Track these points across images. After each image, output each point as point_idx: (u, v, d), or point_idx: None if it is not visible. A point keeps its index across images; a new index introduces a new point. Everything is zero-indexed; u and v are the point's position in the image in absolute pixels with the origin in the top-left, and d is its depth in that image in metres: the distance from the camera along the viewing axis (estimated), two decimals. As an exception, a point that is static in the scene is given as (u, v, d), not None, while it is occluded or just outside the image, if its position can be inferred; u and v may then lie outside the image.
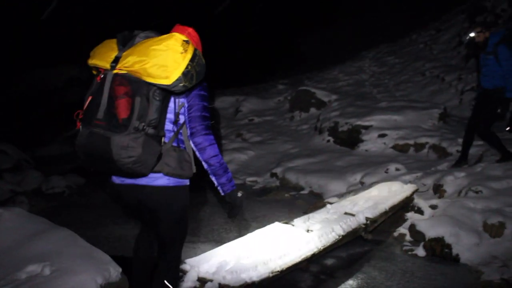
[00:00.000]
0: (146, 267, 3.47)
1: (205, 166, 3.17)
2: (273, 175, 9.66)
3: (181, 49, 2.66)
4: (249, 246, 4.79)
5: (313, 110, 13.59)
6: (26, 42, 21.81)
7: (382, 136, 10.11)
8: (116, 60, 2.77)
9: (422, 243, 5.71)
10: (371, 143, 10.13)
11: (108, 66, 2.80)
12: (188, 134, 3.08)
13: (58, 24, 22.54)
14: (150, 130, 2.72)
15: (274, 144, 11.77)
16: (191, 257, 4.77)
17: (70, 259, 3.67)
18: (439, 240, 5.57)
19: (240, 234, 5.57)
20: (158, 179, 2.97)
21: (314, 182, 8.65)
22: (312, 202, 7.70)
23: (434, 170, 7.87)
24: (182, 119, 3.06)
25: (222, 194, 3.27)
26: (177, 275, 3.40)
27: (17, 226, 4.24)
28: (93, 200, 8.82)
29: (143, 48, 2.71)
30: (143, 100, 2.69)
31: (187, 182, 3.14)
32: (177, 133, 3.02)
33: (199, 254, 4.80)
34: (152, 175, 2.92)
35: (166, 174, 2.95)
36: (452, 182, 6.88)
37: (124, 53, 2.77)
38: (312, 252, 4.73)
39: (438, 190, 6.96)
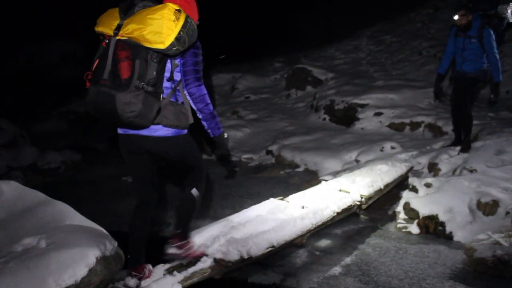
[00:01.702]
0: (141, 242, 3.75)
1: (198, 113, 3.66)
2: (269, 152, 9.68)
3: (173, 17, 3.03)
4: (244, 221, 4.81)
5: (309, 88, 13.56)
6: (20, 17, 21.60)
7: (378, 114, 10.11)
8: (118, 28, 3.14)
9: (416, 221, 5.74)
10: (367, 122, 10.13)
11: (111, 33, 3.16)
12: (184, 85, 3.55)
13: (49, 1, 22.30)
14: (149, 88, 3.13)
15: (270, 122, 11.77)
16: (187, 232, 4.80)
17: (66, 232, 3.69)
18: (433, 218, 5.60)
19: (235, 210, 5.59)
20: (158, 130, 3.42)
21: (309, 159, 8.66)
22: (307, 180, 7.73)
23: (429, 149, 7.89)
24: (178, 76, 3.52)
25: (212, 136, 3.82)
26: (203, 189, 3.91)
27: (13, 199, 4.25)
28: (89, 175, 8.84)
29: (141, 17, 3.07)
30: (142, 62, 3.09)
31: (185, 131, 3.58)
32: (174, 90, 3.48)
33: (194, 229, 4.82)
34: (153, 127, 3.37)
35: (165, 126, 3.40)
36: (447, 160, 6.90)
37: (125, 21, 3.13)
38: (307, 228, 4.76)
39: (433, 168, 6.99)
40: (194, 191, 3.80)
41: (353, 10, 23.74)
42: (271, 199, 5.51)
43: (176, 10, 3.08)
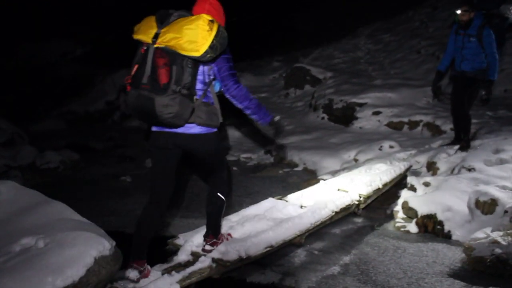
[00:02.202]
0: (145, 240, 3.95)
1: (246, 111, 3.98)
2: (268, 152, 9.68)
3: (207, 27, 3.32)
4: (243, 221, 4.82)
5: (308, 87, 13.56)
6: (20, 16, 21.58)
7: (376, 113, 10.12)
8: (156, 36, 3.44)
9: (414, 220, 5.75)
10: (365, 121, 10.14)
11: (150, 41, 3.46)
12: (224, 90, 3.86)
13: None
14: (184, 91, 3.46)
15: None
16: (185, 231, 4.80)
17: (64, 232, 3.68)
18: (431, 217, 5.61)
19: (234, 210, 5.59)
20: (192, 128, 3.72)
21: (308, 159, 8.66)
22: (306, 179, 7.73)
23: (428, 148, 7.90)
24: (208, 79, 3.79)
25: (265, 125, 4.13)
26: (226, 190, 4.23)
27: (11, 199, 4.24)
28: (87, 175, 8.82)
29: (178, 27, 3.37)
30: (178, 68, 3.41)
31: (215, 130, 3.90)
32: (205, 91, 3.75)
33: (193, 229, 4.82)
34: (187, 125, 3.67)
35: (198, 124, 3.72)
36: (445, 159, 6.91)
37: (163, 30, 3.43)
38: (306, 228, 4.76)
39: (431, 167, 6.99)
40: (221, 195, 4.14)
41: (352, 9, 23.75)
42: (270, 199, 5.52)
43: (209, 20, 3.36)
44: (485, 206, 5.53)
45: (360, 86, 11.47)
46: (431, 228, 5.59)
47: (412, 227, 5.70)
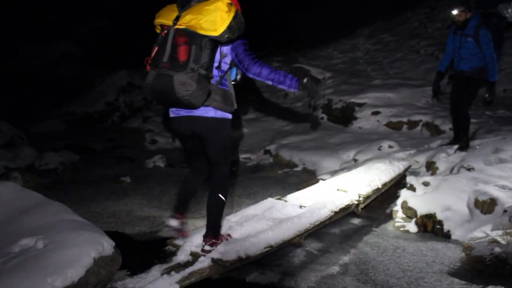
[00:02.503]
0: (188, 197, 4.49)
1: (271, 82, 3.98)
2: (267, 152, 9.69)
3: (226, 9, 3.51)
4: (242, 221, 4.82)
5: (307, 87, 13.57)
6: (19, 17, 21.57)
7: (375, 113, 10.13)
8: (177, 18, 3.66)
9: (414, 220, 5.75)
10: (364, 121, 10.15)
11: (171, 23, 3.69)
12: (244, 70, 3.96)
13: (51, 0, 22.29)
14: (202, 71, 3.60)
15: (268, 121, 11.78)
16: (185, 232, 4.80)
17: (63, 233, 3.68)
18: (430, 217, 5.61)
19: (233, 210, 5.60)
20: (208, 112, 3.84)
21: (307, 159, 8.67)
22: (305, 179, 7.74)
23: (427, 148, 7.90)
24: (225, 67, 3.93)
25: (296, 90, 4.05)
26: (226, 190, 4.29)
27: (10, 201, 4.25)
28: (87, 176, 8.82)
29: (198, 8, 3.58)
30: (197, 47, 3.57)
31: (230, 116, 4.00)
32: (221, 78, 3.89)
33: (192, 229, 4.83)
34: (203, 108, 3.79)
35: (214, 108, 3.83)
36: (445, 159, 6.91)
37: (183, 13, 3.65)
38: (305, 228, 4.76)
39: (430, 167, 6.99)
40: (221, 195, 4.18)
41: (351, 10, 23.76)
42: (269, 199, 5.52)
43: (228, 3, 3.55)
44: (485, 205, 5.54)
45: (359, 86, 11.48)
46: (431, 227, 5.60)
47: (412, 227, 5.70)
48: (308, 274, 4.51)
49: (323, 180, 6.56)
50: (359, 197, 5.65)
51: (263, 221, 4.80)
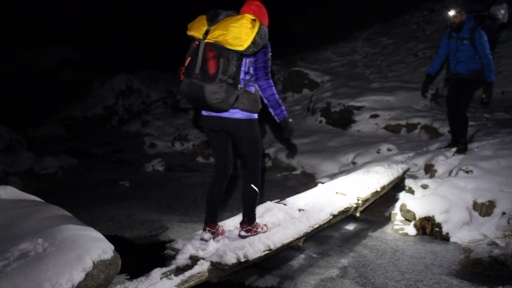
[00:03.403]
0: (215, 205, 4.67)
1: (266, 101, 4.37)
2: (265, 155, 9.69)
3: (250, 25, 3.82)
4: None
5: (305, 91, 13.58)
6: (17, 21, 21.57)
7: (374, 116, 10.14)
8: (206, 33, 3.97)
9: (412, 222, 5.75)
10: (363, 124, 10.15)
11: (201, 36, 4.00)
12: (254, 78, 4.27)
13: (49, 5, 22.29)
14: (230, 80, 3.96)
15: (267, 125, 11.78)
16: (183, 235, 4.81)
17: (63, 237, 3.68)
18: (429, 219, 5.62)
19: (233, 214, 5.60)
20: (236, 114, 4.22)
21: (306, 162, 8.68)
22: (304, 182, 7.75)
23: (426, 150, 7.90)
24: (252, 71, 4.24)
25: (278, 121, 4.48)
26: (259, 181, 4.56)
27: (9, 205, 4.25)
28: (86, 180, 8.84)
29: (225, 25, 3.87)
30: (225, 60, 3.92)
31: (256, 116, 4.36)
32: (248, 81, 4.19)
33: (192, 233, 4.83)
34: (231, 110, 4.17)
35: (241, 110, 4.18)
36: (443, 162, 6.92)
37: (212, 27, 3.95)
38: (304, 231, 4.76)
39: (429, 170, 7.00)
40: (254, 185, 4.49)
41: (349, 13, 23.80)
42: (268, 202, 5.52)
43: (252, 19, 3.86)
44: (483, 208, 5.56)
45: (358, 89, 11.48)
46: (429, 230, 5.60)
47: (410, 230, 5.70)
48: (307, 277, 4.51)
49: (322, 183, 6.56)
50: (358, 200, 5.65)
51: (262, 224, 4.80)
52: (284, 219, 5.00)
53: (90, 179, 8.92)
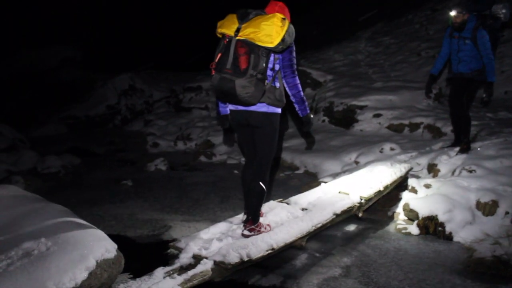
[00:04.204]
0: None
1: (292, 97, 4.63)
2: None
3: (280, 24, 4.02)
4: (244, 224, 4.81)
5: (308, 90, 13.57)
6: (19, 21, 21.59)
7: (377, 116, 10.13)
8: (238, 30, 4.16)
9: (416, 222, 5.75)
10: (366, 123, 10.15)
11: (232, 34, 4.19)
12: (282, 76, 4.50)
13: (51, 5, 22.31)
14: (259, 76, 4.16)
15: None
16: (186, 235, 4.81)
17: (65, 235, 3.68)
18: (432, 219, 5.61)
19: (236, 213, 5.60)
20: (262, 107, 4.41)
21: (309, 161, 8.68)
22: (307, 182, 7.74)
23: (429, 150, 7.90)
24: (277, 67, 4.41)
25: (301, 116, 4.75)
26: (267, 179, 4.68)
27: (12, 204, 4.24)
28: (89, 179, 8.84)
29: (256, 23, 4.07)
30: (256, 56, 4.12)
31: (279, 110, 4.55)
32: (274, 77, 4.38)
33: (194, 232, 4.83)
34: (258, 104, 4.36)
35: (267, 104, 4.39)
36: (446, 161, 6.92)
37: (243, 25, 4.15)
38: (307, 230, 4.76)
39: (432, 169, 7.00)
40: (262, 183, 4.57)
41: (352, 12, 23.77)
42: (271, 201, 5.52)
43: (282, 18, 4.06)
44: (486, 207, 5.56)
45: (361, 88, 11.47)
46: (432, 229, 5.60)
47: (413, 229, 5.70)
48: (310, 277, 4.52)
49: (325, 182, 6.56)
50: (361, 199, 5.65)
51: (265, 223, 4.80)
52: (287, 218, 5.00)
53: (92, 178, 8.92)
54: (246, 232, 4.58)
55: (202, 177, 8.74)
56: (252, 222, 4.63)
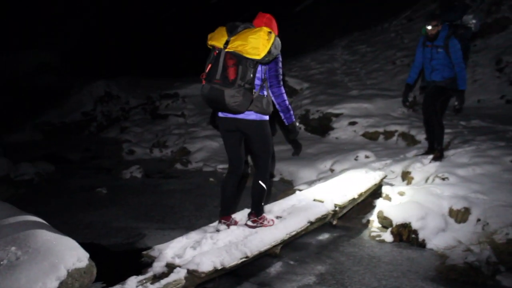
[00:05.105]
0: (229, 200, 5.04)
1: (277, 106, 4.90)
2: (244, 162, 9.68)
3: (267, 37, 4.27)
4: (218, 232, 4.81)
5: (284, 97, 13.59)
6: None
7: (352, 124, 10.21)
8: (227, 43, 4.40)
9: (389, 229, 5.79)
10: (341, 131, 10.21)
11: (221, 46, 4.43)
12: (269, 85, 4.74)
13: (28, 9, 22.09)
14: (247, 86, 4.38)
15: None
16: (161, 243, 4.78)
17: (37, 245, 3.64)
18: (406, 226, 5.65)
19: (210, 221, 5.58)
20: (250, 115, 4.63)
21: (284, 169, 8.70)
22: (283, 189, 7.76)
23: (403, 158, 7.97)
24: (264, 76, 4.64)
25: (287, 124, 5.05)
26: (267, 178, 5.00)
27: (-17, 213, 4.19)
28: (63, 187, 8.75)
29: (244, 36, 4.32)
30: (244, 67, 4.34)
31: (267, 117, 4.79)
32: (261, 86, 4.62)
33: (168, 240, 4.80)
34: (247, 112, 4.58)
35: (255, 112, 4.61)
36: (420, 169, 6.99)
37: (232, 38, 4.39)
38: (281, 238, 4.77)
39: (406, 177, 7.06)
40: (262, 182, 4.90)
41: (328, 20, 23.93)
42: (246, 210, 5.52)
43: (268, 32, 4.31)
44: (459, 214, 5.62)
45: (336, 96, 11.55)
46: (406, 237, 5.64)
47: (387, 236, 5.73)
48: (284, 285, 4.52)
49: (300, 190, 6.58)
50: (336, 207, 5.68)
51: (239, 231, 4.80)
52: (262, 226, 5.00)
53: (67, 186, 8.84)
54: (249, 223, 4.99)
55: (178, 185, 8.71)
56: (256, 215, 5.01)
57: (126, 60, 23.36)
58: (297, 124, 5.17)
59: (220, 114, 4.84)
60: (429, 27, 6.85)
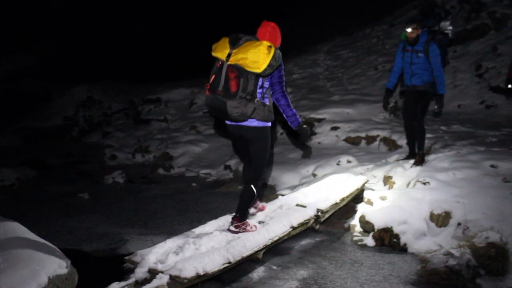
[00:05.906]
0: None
1: (282, 111, 5.09)
2: (227, 167, 9.69)
3: (266, 51, 4.45)
4: (200, 237, 4.81)
5: (267, 103, 13.62)
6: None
7: (334, 128, 10.25)
8: (229, 55, 4.62)
9: (371, 234, 5.82)
10: (323, 136, 10.25)
11: (224, 58, 4.66)
12: (272, 92, 4.97)
13: (8, 13, 21.92)
14: (248, 97, 4.63)
15: (228, 137, 11.79)
16: (143, 248, 4.76)
17: (17, 252, 3.61)
18: (387, 230, 5.69)
19: (192, 226, 5.57)
20: (253, 122, 4.85)
21: (267, 174, 8.71)
22: (265, 194, 7.76)
23: (385, 162, 8.02)
24: (266, 85, 4.86)
25: (294, 128, 5.26)
26: (259, 184, 5.24)
27: (-38, 219, 4.14)
28: (44, 193, 8.69)
29: (245, 50, 4.53)
30: (245, 80, 4.58)
31: (269, 124, 5.01)
32: (263, 95, 4.84)
33: (151, 246, 4.79)
34: (249, 120, 4.81)
35: (257, 119, 4.82)
36: (402, 173, 7.03)
37: (234, 51, 4.62)
38: (263, 243, 4.78)
39: (387, 181, 7.10)
40: (253, 187, 5.10)
41: (311, 25, 24.03)
42: (227, 215, 5.53)
43: (268, 46, 4.49)
44: (440, 218, 5.67)
45: (319, 101, 11.61)
46: (388, 241, 5.67)
47: (369, 241, 5.76)
48: (267, 290, 4.52)
49: (283, 195, 6.60)
50: (318, 212, 5.70)
51: (222, 236, 4.80)
52: (244, 231, 5.01)
53: (48, 192, 8.77)
54: (232, 228, 5.07)
55: (160, 190, 8.69)
56: (239, 220, 5.10)
57: (108, 65, 23.24)
58: (304, 126, 5.30)
59: (227, 122, 5.07)
60: (409, 30, 6.94)
